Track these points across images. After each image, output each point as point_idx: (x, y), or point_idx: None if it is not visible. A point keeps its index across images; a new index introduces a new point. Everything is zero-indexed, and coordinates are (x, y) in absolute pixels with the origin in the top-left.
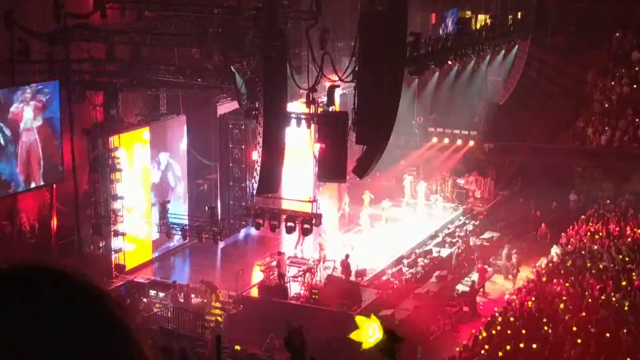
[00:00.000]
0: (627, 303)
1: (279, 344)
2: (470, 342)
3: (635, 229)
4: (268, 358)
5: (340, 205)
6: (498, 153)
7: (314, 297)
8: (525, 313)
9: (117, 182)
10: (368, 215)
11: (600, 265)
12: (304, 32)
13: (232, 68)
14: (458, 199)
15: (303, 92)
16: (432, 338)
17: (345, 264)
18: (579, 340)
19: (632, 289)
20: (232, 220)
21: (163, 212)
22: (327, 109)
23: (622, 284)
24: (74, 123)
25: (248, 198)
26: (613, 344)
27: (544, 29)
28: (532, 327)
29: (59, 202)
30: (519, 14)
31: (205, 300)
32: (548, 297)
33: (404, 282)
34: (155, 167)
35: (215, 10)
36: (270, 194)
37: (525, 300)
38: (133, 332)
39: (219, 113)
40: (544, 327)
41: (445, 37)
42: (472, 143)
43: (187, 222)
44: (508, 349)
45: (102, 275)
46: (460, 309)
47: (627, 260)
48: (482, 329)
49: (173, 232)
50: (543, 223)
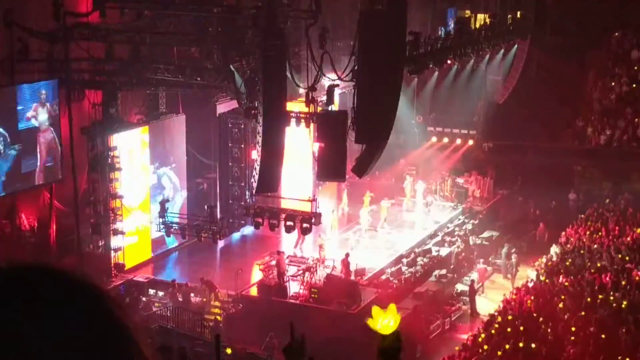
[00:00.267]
0: (626, 302)
1: (278, 343)
2: (470, 341)
3: (635, 228)
4: (267, 357)
5: (339, 206)
6: (497, 152)
7: (313, 296)
8: (525, 312)
9: (116, 181)
10: (367, 215)
11: (600, 265)
12: (304, 31)
13: (231, 67)
14: (457, 198)
15: (302, 91)
16: (431, 337)
17: (346, 263)
18: (578, 339)
19: (631, 288)
20: (231, 220)
21: (162, 211)
22: (326, 108)
23: (621, 283)
24: (73, 122)
25: (247, 197)
26: (612, 343)
27: (543, 28)
28: (531, 326)
29: (59, 201)
30: (518, 14)
31: (205, 300)
32: (547, 296)
33: (404, 281)
34: (154, 168)
35: (215, 10)
36: (270, 193)
37: (525, 300)
38: (132, 331)
39: (219, 112)
40: (543, 326)
41: (445, 36)
42: (471, 142)
43: (186, 221)
44: (507, 348)
45: (101, 275)
46: (460, 308)
47: (626, 260)
48: (481, 328)
49: (172, 231)
50: (541, 222)
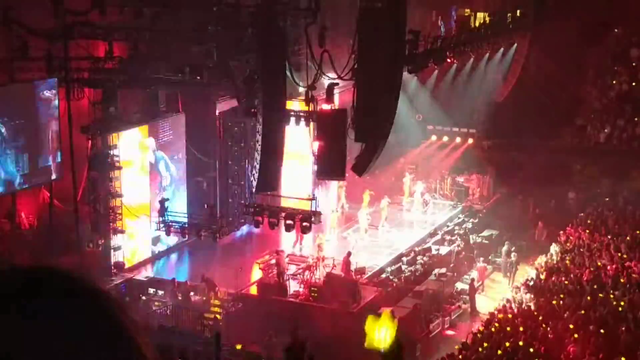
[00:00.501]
0: (625, 300)
1: (278, 342)
2: (470, 340)
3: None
4: (267, 356)
5: (337, 205)
6: (497, 151)
7: (313, 295)
8: (524, 310)
9: (116, 179)
10: (367, 214)
11: (599, 263)
12: (303, 29)
13: (230, 65)
14: (457, 197)
15: (302, 89)
16: (431, 336)
17: (347, 261)
18: (577, 338)
19: (630, 287)
20: (231, 218)
21: (162, 209)
22: (326, 107)
23: (620, 281)
24: (73, 121)
25: (247, 196)
26: (611, 342)
27: (543, 27)
28: (531, 324)
29: (58, 200)
30: (518, 12)
31: (205, 298)
32: (547, 294)
33: (403, 280)
34: (153, 163)
35: (214, 8)
36: (270, 192)
37: (524, 298)
38: (132, 331)
39: (218, 111)
40: (543, 324)
41: (444, 34)
42: (471, 141)
43: (186, 219)
44: (507, 346)
45: (101, 274)
46: (460, 307)
47: (625, 258)
48: (481, 327)
49: (172, 229)
50: (540, 221)
